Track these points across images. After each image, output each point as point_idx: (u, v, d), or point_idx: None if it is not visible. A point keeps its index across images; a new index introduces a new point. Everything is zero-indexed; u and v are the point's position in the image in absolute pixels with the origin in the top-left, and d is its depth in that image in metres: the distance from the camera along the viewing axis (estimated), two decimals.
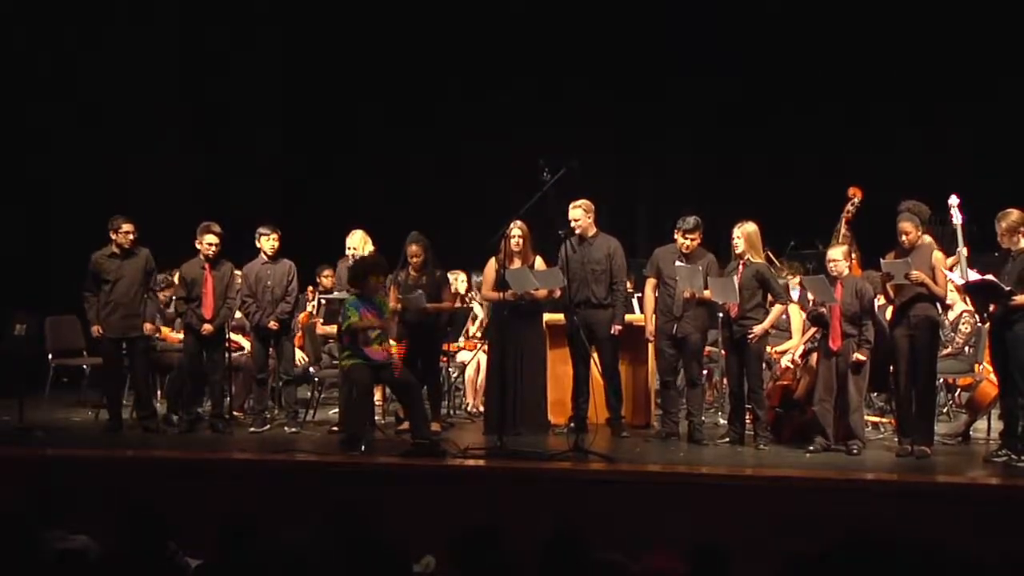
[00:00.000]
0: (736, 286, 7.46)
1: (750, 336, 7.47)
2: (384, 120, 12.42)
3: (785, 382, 7.90)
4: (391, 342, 8.00)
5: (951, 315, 8.10)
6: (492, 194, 9.93)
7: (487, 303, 8.91)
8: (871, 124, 11.30)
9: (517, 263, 8.02)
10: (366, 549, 3.83)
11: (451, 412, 9.13)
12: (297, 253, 8.75)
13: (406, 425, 7.85)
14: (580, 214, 7.99)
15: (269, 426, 8.45)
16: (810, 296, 7.78)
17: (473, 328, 9.64)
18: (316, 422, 8.81)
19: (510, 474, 6.83)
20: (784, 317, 8.22)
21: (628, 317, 8.27)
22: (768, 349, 8.12)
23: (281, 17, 12.31)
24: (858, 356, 7.20)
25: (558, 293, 8.01)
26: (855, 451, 7.19)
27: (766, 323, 7.55)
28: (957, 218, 7.77)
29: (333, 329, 8.31)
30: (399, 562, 3.89)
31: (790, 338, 8.41)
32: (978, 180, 9.61)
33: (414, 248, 8.29)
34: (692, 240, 7.73)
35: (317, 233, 10.33)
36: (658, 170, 12.29)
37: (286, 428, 8.40)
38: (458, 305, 9.31)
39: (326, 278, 9.54)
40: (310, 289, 9.87)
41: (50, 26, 11.00)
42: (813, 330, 7.80)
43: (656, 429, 8.20)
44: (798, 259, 9.70)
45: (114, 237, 8.24)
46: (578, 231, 7.97)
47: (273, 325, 8.38)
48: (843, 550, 3.57)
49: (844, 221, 9.11)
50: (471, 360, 9.29)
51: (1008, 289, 6.79)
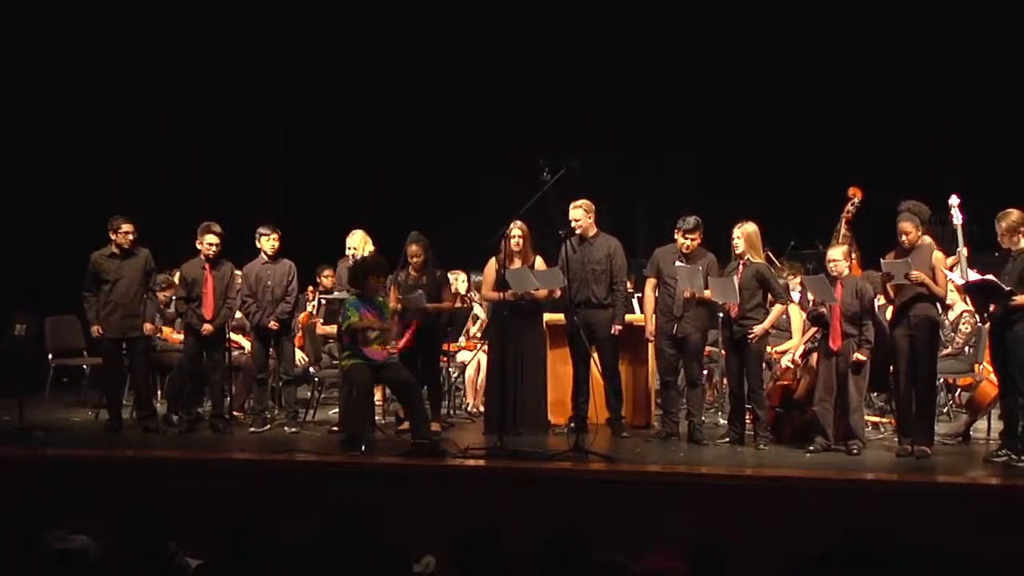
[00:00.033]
0: (736, 286, 7.46)
1: (750, 336, 7.47)
2: (384, 120, 12.42)
3: (785, 382, 7.89)
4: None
5: (951, 315, 8.10)
6: (492, 194, 9.93)
7: (487, 303, 8.91)
8: (871, 124, 11.30)
9: (517, 263, 8.01)
10: (366, 549, 3.83)
11: (451, 412, 9.13)
12: (297, 253, 8.75)
13: (406, 425, 7.85)
14: (581, 214, 7.99)
15: (269, 426, 8.45)
16: (810, 296, 7.78)
17: (474, 328, 9.64)
18: (316, 422, 8.80)
19: (510, 474, 6.83)
20: (784, 317, 8.22)
21: (628, 317, 8.26)
22: (768, 349, 8.11)
23: (281, 17, 12.31)
24: (858, 356, 7.20)
25: (558, 293, 8.00)
26: (855, 451, 7.19)
27: (766, 323, 7.55)
28: (957, 218, 7.77)
29: (333, 329, 8.31)
30: (399, 562, 3.89)
31: (790, 338, 8.41)
32: (978, 180, 9.61)
33: (414, 248, 8.29)
34: (692, 240, 7.72)
35: (317, 233, 10.33)
36: (658, 170, 12.30)
37: (286, 428, 8.40)
38: (458, 305, 9.31)
39: (326, 278, 9.54)
40: (310, 289, 9.86)
41: (50, 26, 11.00)
42: (813, 330, 7.79)
43: (656, 429, 8.20)
44: (798, 259, 9.71)
45: (113, 237, 8.25)
46: (579, 231, 7.96)
47: (273, 325, 8.38)
48: (843, 550, 3.57)
49: (844, 221, 9.11)
50: (471, 360, 9.28)
51: (1008, 289, 6.79)
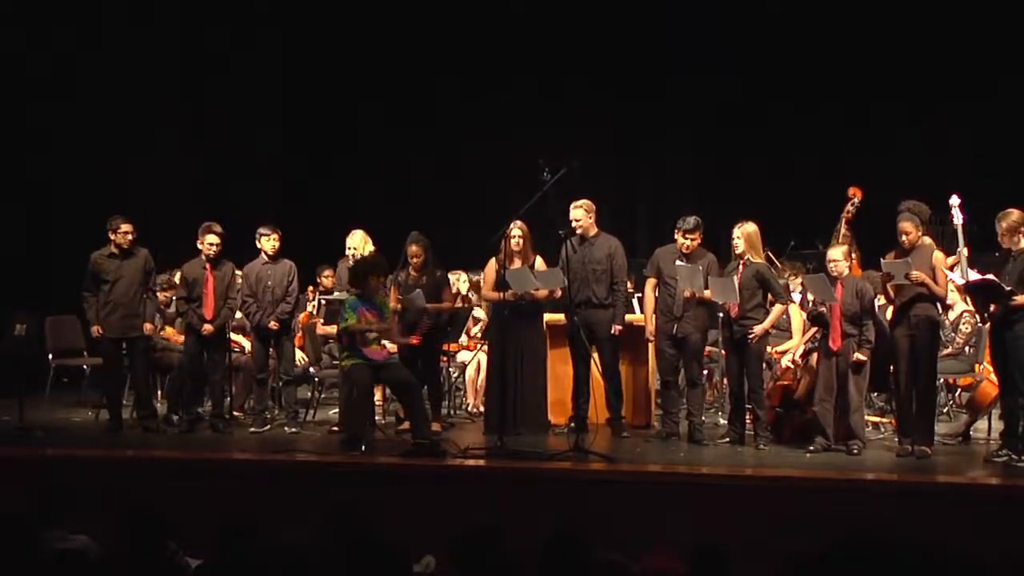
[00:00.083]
0: (736, 286, 7.46)
1: (750, 336, 7.46)
2: (384, 120, 12.42)
3: (785, 382, 7.89)
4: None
5: (951, 315, 8.10)
6: (492, 194, 9.93)
7: (487, 303, 8.90)
8: (871, 124, 11.29)
9: (517, 263, 8.01)
10: (366, 549, 3.83)
11: (451, 412, 9.13)
12: (297, 253, 8.75)
13: (406, 425, 7.85)
14: (581, 214, 7.99)
15: (269, 426, 8.45)
16: (810, 296, 7.77)
17: (475, 329, 9.64)
18: (316, 422, 8.80)
19: (510, 474, 6.83)
20: (784, 317, 8.21)
21: (628, 317, 8.26)
22: (768, 349, 8.11)
23: (281, 17, 12.31)
24: (858, 356, 7.19)
25: (559, 293, 8.00)
26: (855, 451, 7.18)
27: (766, 323, 7.54)
28: (958, 218, 7.77)
29: (333, 329, 8.31)
30: (399, 562, 3.89)
31: (790, 338, 8.40)
32: (978, 180, 9.61)
33: (414, 248, 8.29)
34: (692, 240, 7.72)
35: (317, 233, 10.32)
36: (658, 170, 12.30)
37: (286, 428, 8.40)
38: (459, 305, 9.31)
39: (326, 278, 9.53)
40: (310, 289, 9.86)
41: (50, 26, 11.00)
42: (813, 330, 7.79)
43: (656, 429, 8.20)
44: (798, 259, 9.71)
45: (113, 237, 8.25)
46: (579, 231, 7.96)
47: (273, 325, 8.38)
48: (843, 550, 3.57)
49: (844, 221, 9.11)
50: (471, 360, 9.28)
51: (1008, 289, 6.79)
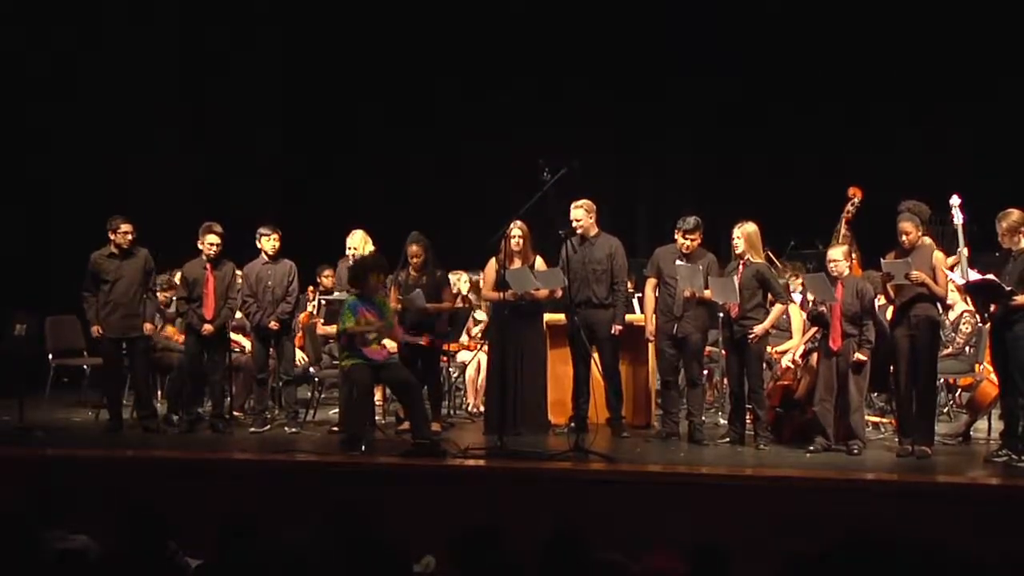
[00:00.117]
0: (736, 286, 7.46)
1: (750, 336, 7.46)
2: (384, 120, 12.42)
3: (785, 382, 7.89)
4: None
5: (952, 315, 8.10)
6: (492, 194, 9.93)
7: (487, 304, 8.90)
8: (871, 124, 11.29)
9: (517, 263, 8.01)
10: (366, 549, 3.83)
11: (451, 412, 9.13)
12: (297, 253, 8.75)
13: (406, 425, 7.85)
14: (582, 214, 7.99)
15: (269, 426, 8.44)
16: (810, 295, 7.77)
17: (476, 329, 9.64)
18: (316, 422, 8.80)
19: (510, 474, 6.83)
20: (784, 317, 8.21)
21: (629, 317, 8.26)
22: (768, 349, 8.11)
23: (281, 17, 12.31)
24: (859, 356, 7.19)
25: (559, 293, 8.00)
26: (855, 451, 7.18)
27: (766, 323, 7.54)
28: (958, 218, 7.77)
29: (333, 329, 8.31)
30: (399, 562, 3.89)
31: (790, 338, 8.40)
32: (978, 180, 9.61)
33: (414, 248, 8.29)
34: (692, 240, 7.72)
35: (317, 233, 10.32)
36: (658, 170, 12.30)
37: (286, 428, 8.40)
38: (459, 305, 9.31)
39: (326, 278, 9.53)
40: (311, 289, 9.86)
41: (50, 26, 11.00)
42: (813, 330, 7.79)
43: (656, 429, 8.20)
44: (798, 259, 9.71)
45: (112, 237, 8.25)
46: (580, 231, 7.96)
47: (274, 325, 8.38)
48: (843, 550, 3.57)
49: (844, 221, 9.11)
50: (471, 360, 9.28)
51: (1009, 289, 6.78)
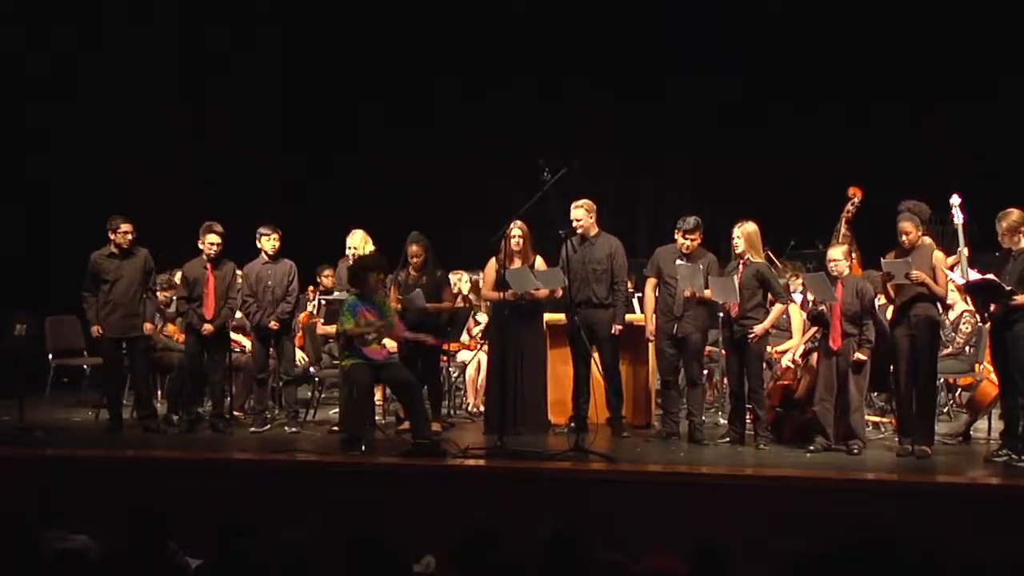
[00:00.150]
0: (736, 286, 7.46)
1: (750, 336, 7.46)
2: (384, 120, 12.42)
3: (785, 382, 7.89)
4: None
5: (952, 315, 8.10)
6: (492, 194, 9.93)
7: (488, 304, 8.90)
8: (871, 124, 11.29)
9: (517, 263, 8.01)
10: (366, 549, 3.83)
11: (451, 412, 9.13)
12: (297, 253, 8.75)
13: (406, 425, 7.85)
14: (582, 214, 7.99)
15: (269, 426, 8.45)
16: (810, 295, 7.77)
17: (476, 329, 9.64)
18: (316, 422, 8.80)
19: (510, 474, 6.83)
20: (784, 317, 8.21)
21: (629, 317, 8.26)
22: (768, 349, 8.11)
23: (281, 17, 12.31)
24: (859, 356, 7.19)
25: (559, 293, 8.00)
26: (855, 451, 7.18)
27: (766, 323, 7.54)
28: (958, 217, 7.77)
29: (333, 329, 8.31)
30: (399, 562, 3.89)
31: (790, 338, 8.40)
32: (978, 180, 9.61)
33: (414, 248, 8.29)
34: (692, 240, 7.72)
35: (317, 233, 10.32)
36: (658, 170, 12.29)
37: (286, 428, 8.40)
38: (459, 305, 9.31)
39: (326, 278, 9.53)
40: (311, 289, 9.86)
41: (50, 26, 11.00)
42: (814, 330, 7.79)
43: (656, 429, 8.20)
44: (798, 259, 9.71)
45: (112, 237, 8.25)
46: (580, 231, 7.96)
47: (274, 325, 8.38)
48: (843, 550, 3.57)
49: (844, 221, 9.11)
50: (471, 360, 9.28)
51: (1009, 289, 6.78)
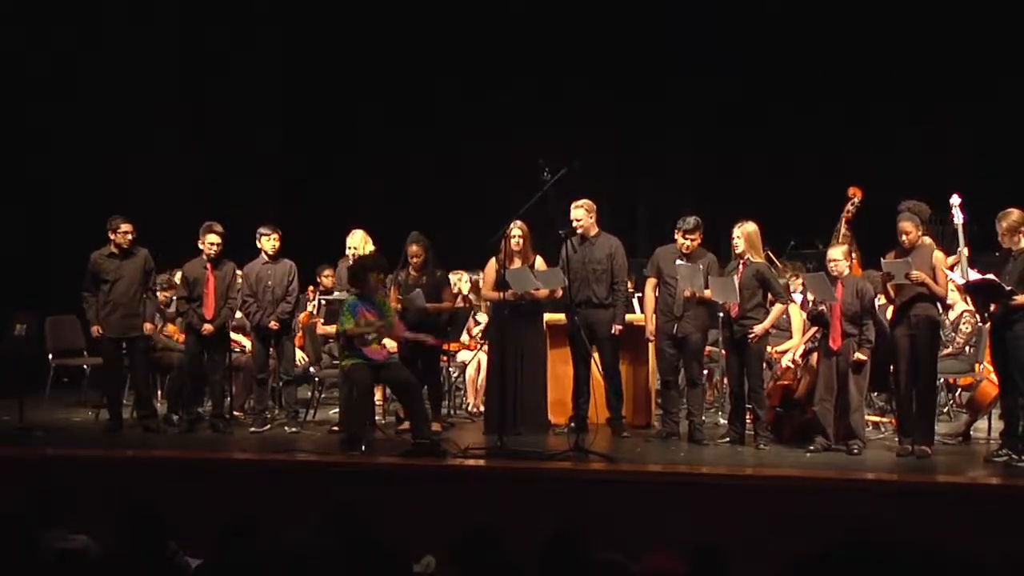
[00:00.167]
0: (736, 286, 7.46)
1: (750, 336, 7.46)
2: (384, 120, 12.42)
3: (786, 382, 7.89)
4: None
5: (952, 315, 8.10)
6: (492, 194, 9.93)
7: (488, 304, 8.90)
8: (871, 124, 11.29)
9: (517, 263, 8.01)
10: (366, 549, 3.83)
11: (451, 412, 9.13)
12: (297, 253, 8.75)
13: (406, 425, 7.85)
14: (583, 214, 7.99)
15: (269, 426, 8.45)
16: (810, 295, 7.77)
17: (476, 329, 9.64)
18: (316, 422, 8.80)
19: (510, 474, 6.83)
20: (784, 317, 8.21)
21: (629, 317, 8.26)
22: (768, 349, 8.11)
23: (281, 17, 12.32)
24: (859, 356, 7.19)
25: (559, 293, 8.00)
26: (855, 451, 7.18)
27: (767, 323, 7.54)
28: (958, 217, 7.76)
29: (333, 329, 8.31)
30: (399, 562, 3.89)
31: (790, 338, 8.40)
32: (978, 180, 9.61)
33: (414, 248, 8.29)
34: (692, 240, 7.72)
35: (317, 233, 10.32)
36: (658, 170, 12.29)
37: (286, 428, 8.40)
38: (459, 305, 9.31)
39: (326, 278, 9.53)
40: (311, 289, 9.86)
41: (50, 26, 11.00)
42: (814, 330, 7.79)
43: (656, 429, 8.20)
44: (798, 259, 9.71)
45: (112, 237, 8.25)
46: (580, 231, 7.96)
47: (274, 325, 8.38)
48: (843, 550, 3.56)
49: (844, 221, 9.11)
50: (471, 360, 9.28)
51: (1009, 289, 6.78)
